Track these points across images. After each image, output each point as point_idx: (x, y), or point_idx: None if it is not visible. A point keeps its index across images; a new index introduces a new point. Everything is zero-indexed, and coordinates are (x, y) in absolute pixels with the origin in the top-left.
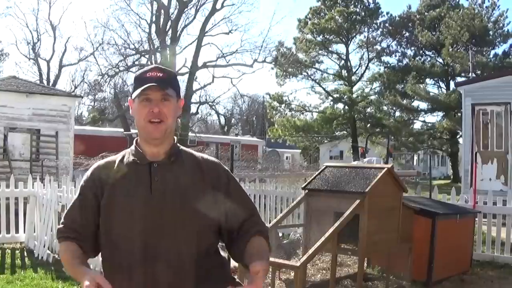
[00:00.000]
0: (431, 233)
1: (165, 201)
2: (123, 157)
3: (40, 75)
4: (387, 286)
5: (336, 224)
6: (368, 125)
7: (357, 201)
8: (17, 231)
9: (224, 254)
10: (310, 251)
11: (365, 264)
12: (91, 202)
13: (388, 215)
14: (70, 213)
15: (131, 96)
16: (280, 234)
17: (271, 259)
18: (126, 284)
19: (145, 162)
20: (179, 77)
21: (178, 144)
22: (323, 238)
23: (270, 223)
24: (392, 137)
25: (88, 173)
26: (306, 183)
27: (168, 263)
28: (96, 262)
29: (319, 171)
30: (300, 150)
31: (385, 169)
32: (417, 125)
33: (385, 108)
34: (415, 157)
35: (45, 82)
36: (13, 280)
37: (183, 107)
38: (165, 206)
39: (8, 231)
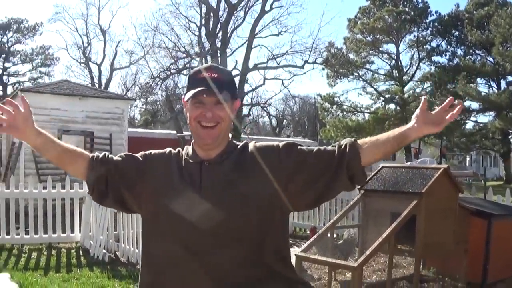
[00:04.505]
0: (486, 234)
1: (213, 199)
2: (178, 152)
3: (92, 78)
4: None
5: (394, 225)
6: None
7: (414, 202)
8: (72, 231)
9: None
10: (368, 252)
11: (420, 266)
12: (131, 166)
13: (444, 216)
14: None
15: (184, 96)
16: (335, 235)
17: (327, 259)
18: (166, 277)
19: (198, 160)
20: None
21: (235, 142)
22: (380, 239)
23: (325, 224)
24: (445, 138)
25: (147, 152)
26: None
27: (210, 265)
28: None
29: (375, 171)
30: None
31: (442, 169)
32: (469, 125)
33: (436, 108)
34: (468, 158)
35: (96, 85)
36: (69, 278)
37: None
38: (213, 206)
39: (63, 231)
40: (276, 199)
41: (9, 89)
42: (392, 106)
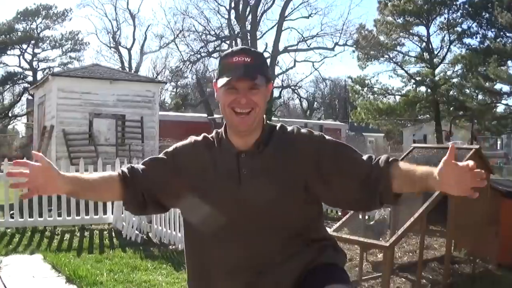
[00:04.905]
0: None
1: (254, 194)
2: (211, 140)
3: (122, 62)
4: (473, 270)
5: (425, 205)
6: (451, 108)
7: None
8: (105, 212)
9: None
10: (399, 232)
11: (452, 247)
12: (166, 165)
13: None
14: (142, 163)
15: (216, 81)
16: (366, 216)
17: (359, 239)
18: (209, 272)
19: (233, 152)
20: None
21: (270, 123)
22: (412, 219)
23: None
24: (476, 121)
25: (171, 149)
26: None
27: (252, 254)
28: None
29: (407, 151)
30: (383, 134)
31: (473, 149)
32: (500, 108)
33: (467, 91)
34: (498, 141)
35: (126, 69)
36: (102, 259)
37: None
38: (253, 199)
39: (96, 213)
40: (314, 192)
41: (39, 75)
42: (423, 88)
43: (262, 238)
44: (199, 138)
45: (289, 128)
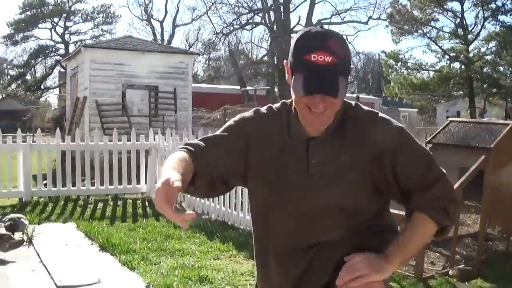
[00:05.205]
0: None
1: (322, 185)
2: (278, 114)
3: (154, 35)
4: (507, 247)
5: (461, 180)
6: (485, 85)
7: (483, 157)
8: (138, 182)
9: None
10: None
11: (486, 224)
12: (232, 142)
13: None
14: (202, 139)
15: (290, 66)
16: None
17: (394, 211)
18: (273, 265)
19: (303, 137)
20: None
21: (344, 102)
22: None
23: None
24: (509, 99)
25: (234, 123)
26: (431, 137)
27: (313, 250)
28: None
29: (444, 125)
30: (416, 110)
31: (510, 125)
32: None
33: (501, 68)
34: None
35: (159, 42)
36: (135, 228)
37: None
38: (321, 191)
39: (129, 182)
40: (379, 186)
41: (71, 48)
42: (457, 65)
43: (325, 227)
44: (264, 110)
45: (365, 111)
